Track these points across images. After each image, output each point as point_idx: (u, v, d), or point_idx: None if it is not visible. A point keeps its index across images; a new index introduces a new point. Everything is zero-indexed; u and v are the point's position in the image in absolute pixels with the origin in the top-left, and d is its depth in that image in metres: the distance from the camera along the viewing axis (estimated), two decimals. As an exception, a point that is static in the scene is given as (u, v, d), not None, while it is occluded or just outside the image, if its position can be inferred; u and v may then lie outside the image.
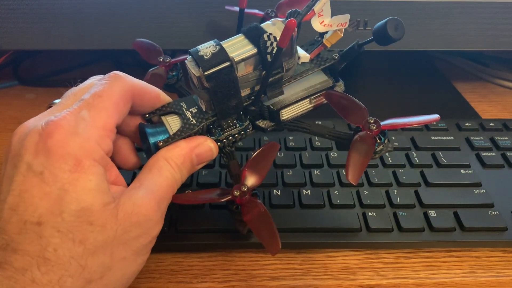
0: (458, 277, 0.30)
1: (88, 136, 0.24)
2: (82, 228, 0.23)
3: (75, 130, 0.24)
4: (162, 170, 0.26)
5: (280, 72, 0.28)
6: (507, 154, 0.38)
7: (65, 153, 0.23)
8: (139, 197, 0.25)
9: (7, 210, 0.23)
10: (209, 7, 0.43)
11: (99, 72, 0.28)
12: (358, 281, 0.29)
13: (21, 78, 0.53)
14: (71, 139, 0.23)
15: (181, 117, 0.29)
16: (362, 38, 0.32)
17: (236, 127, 0.30)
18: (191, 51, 0.27)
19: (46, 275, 0.21)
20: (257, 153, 0.28)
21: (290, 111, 0.30)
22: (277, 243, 0.25)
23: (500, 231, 0.32)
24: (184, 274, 0.30)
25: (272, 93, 0.29)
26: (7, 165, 0.24)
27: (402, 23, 0.27)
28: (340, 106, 0.29)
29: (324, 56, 0.31)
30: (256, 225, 0.26)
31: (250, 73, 0.28)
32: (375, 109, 0.31)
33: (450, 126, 0.42)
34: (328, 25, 0.29)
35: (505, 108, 0.50)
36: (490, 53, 0.58)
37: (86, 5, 0.42)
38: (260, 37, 0.27)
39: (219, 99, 0.27)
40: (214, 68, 0.26)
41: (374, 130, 0.27)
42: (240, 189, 0.27)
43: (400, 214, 0.32)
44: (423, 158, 0.38)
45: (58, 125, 0.23)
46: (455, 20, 0.44)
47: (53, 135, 0.23)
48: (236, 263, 0.30)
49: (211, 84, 0.26)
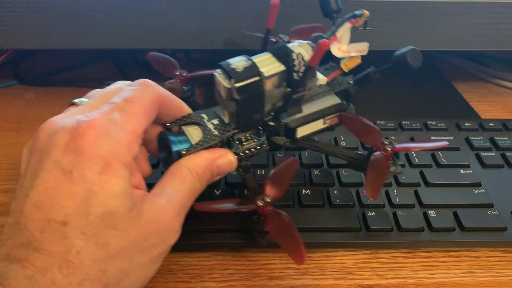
0: (457, 277, 0.30)
1: (119, 139, 0.24)
2: (106, 232, 0.22)
3: (107, 132, 0.23)
4: (184, 179, 0.26)
5: (302, 91, 0.30)
6: (507, 154, 0.38)
7: (96, 154, 0.23)
8: (161, 205, 0.25)
9: (29, 206, 0.22)
10: (209, 7, 0.43)
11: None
12: (358, 281, 0.29)
13: (21, 78, 0.53)
14: (102, 141, 0.23)
15: (202, 128, 0.30)
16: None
17: (254, 142, 0.31)
18: (222, 63, 0.28)
19: (67, 277, 0.21)
20: (278, 167, 0.29)
21: (305, 129, 0.32)
22: (302, 252, 0.25)
23: (500, 231, 0.32)
24: (183, 273, 0.30)
25: (292, 110, 0.31)
26: (32, 160, 0.24)
27: (419, 52, 0.30)
28: (355, 128, 0.31)
29: (339, 80, 0.33)
30: (280, 236, 0.26)
31: (275, 89, 0.29)
32: (375, 109, 0.31)
33: (449, 126, 0.42)
34: (345, 51, 0.31)
35: (505, 108, 0.50)
36: (490, 53, 0.58)
37: (86, 5, 0.42)
38: (288, 56, 0.28)
39: (245, 112, 0.28)
40: (246, 81, 0.27)
41: (389, 151, 0.29)
42: (264, 199, 0.27)
43: (400, 214, 0.32)
44: (423, 158, 0.38)
45: (91, 126, 0.23)
46: (455, 20, 0.44)
47: (85, 135, 0.23)
48: (236, 263, 0.30)
49: (241, 96, 0.27)
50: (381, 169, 0.29)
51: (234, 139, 0.30)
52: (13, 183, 0.37)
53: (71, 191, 0.22)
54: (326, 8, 0.33)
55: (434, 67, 0.58)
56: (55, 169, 0.23)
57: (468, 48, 0.47)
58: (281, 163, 0.29)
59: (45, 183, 0.22)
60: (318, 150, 0.33)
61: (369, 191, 0.28)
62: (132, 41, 0.44)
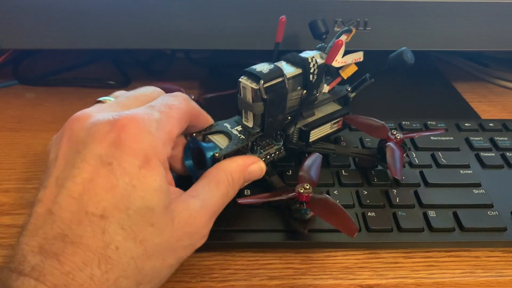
0: (457, 277, 0.30)
1: (158, 136, 0.24)
2: (144, 228, 0.22)
3: (148, 128, 0.24)
4: (220, 185, 0.27)
5: (315, 94, 0.34)
6: (507, 154, 0.38)
7: (137, 148, 0.23)
8: (196, 209, 0.25)
9: (66, 197, 0.21)
10: (210, 7, 0.43)
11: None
12: (358, 281, 0.29)
13: (21, 78, 0.53)
14: (144, 136, 0.23)
15: (227, 135, 0.31)
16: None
17: (273, 146, 0.34)
18: (248, 69, 0.30)
19: (106, 274, 0.20)
20: (305, 161, 0.31)
21: (316, 134, 0.36)
22: (352, 224, 0.27)
23: (500, 231, 0.32)
24: (183, 273, 0.30)
25: (307, 113, 0.35)
26: (66, 149, 0.23)
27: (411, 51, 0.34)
28: (363, 126, 0.36)
29: (338, 89, 0.37)
30: (327, 216, 0.28)
31: (292, 92, 0.32)
32: (375, 109, 0.31)
33: (449, 126, 0.42)
34: (342, 62, 0.35)
35: (505, 108, 0.50)
36: (490, 53, 0.58)
37: (86, 4, 0.42)
38: (304, 60, 0.32)
39: (271, 112, 0.31)
40: (273, 81, 0.30)
41: (399, 138, 0.34)
42: (303, 186, 0.29)
43: (400, 214, 0.32)
44: (423, 158, 0.38)
45: (134, 119, 0.23)
46: (455, 20, 0.44)
47: (128, 128, 0.23)
48: (236, 263, 0.30)
49: (269, 96, 0.30)
50: (398, 152, 0.33)
51: (257, 144, 0.33)
52: (13, 183, 0.37)
53: (110, 184, 0.22)
54: (316, 31, 0.38)
55: (434, 67, 0.58)
56: (94, 160, 0.22)
57: (468, 48, 0.47)
58: (307, 158, 0.32)
59: (84, 174, 0.22)
60: (330, 152, 0.36)
61: (395, 171, 0.32)
62: (132, 41, 0.44)
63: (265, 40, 0.44)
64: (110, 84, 0.52)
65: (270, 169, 0.33)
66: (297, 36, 0.44)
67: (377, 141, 0.36)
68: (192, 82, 0.53)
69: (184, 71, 0.57)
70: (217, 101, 0.42)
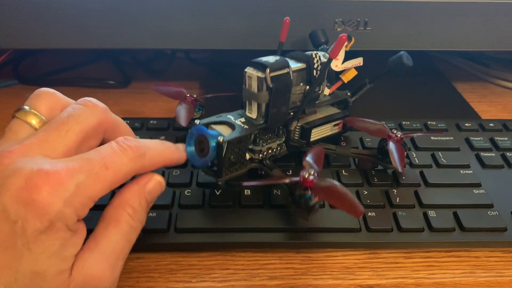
0: (457, 277, 0.30)
1: (71, 202, 0.23)
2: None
3: (62, 195, 0.22)
4: (119, 224, 0.25)
5: (318, 91, 0.34)
6: (507, 154, 0.38)
7: (44, 213, 0.22)
8: (92, 265, 0.24)
9: None
10: (210, 7, 0.43)
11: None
12: (358, 281, 0.29)
13: (21, 77, 0.53)
14: (54, 202, 0.22)
15: (230, 126, 0.32)
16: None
17: (275, 141, 0.34)
18: (254, 60, 0.31)
19: None
20: (309, 151, 0.31)
21: (316, 134, 0.36)
22: (357, 207, 0.26)
23: (500, 231, 0.32)
24: (183, 273, 0.30)
25: (309, 110, 0.35)
26: None
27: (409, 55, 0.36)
28: (364, 127, 0.36)
29: (339, 94, 0.38)
30: (333, 199, 0.28)
31: (295, 87, 0.32)
32: (375, 109, 0.31)
33: (449, 126, 0.42)
34: (343, 67, 0.36)
35: (505, 108, 0.50)
36: (490, 53, 0.58)
37: (86, 5, 0.42)
38: (308, 55, 0.32)
39: (275, 102, 0.31)
40: (279, 71, 0.30)
41: (400, 136, 0.34)
42: (308, 171, 0.28)
43: (400, 214, 0.32)
44: (423, 158, 0.38)
45: (50, 181, 0.22)
46: (455, 20, 0.44)
47: (41, 190, 0.22)
48: (236, 263, 0.30)
49: (274, 85, 0.30)
50: (400, 150, 0.34)
51: (260, 136, 0.33)
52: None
53: (8, 242, 0.21)
54: (316, 40, 0.40)
55: (434, 67, 0.58)
56: (1, 213, 0.22)
57: (468, 48, 0.47)
58: (310, 150, 0.31)
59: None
60: (330, 153, 0.37)
61: (398, 166, 0.33)
62: (132, 41, 0.44)
63: (265, 40, 0.44)
64: (110, 84, 0.52)
65: (271, 163, 0.33)
66: (297, 36, 0.44)
67: (377, 142, 0.36)
68: (192, 82, 0.53)
69: (184, 71, 0.57)
70: (217, 101, 0.42)
